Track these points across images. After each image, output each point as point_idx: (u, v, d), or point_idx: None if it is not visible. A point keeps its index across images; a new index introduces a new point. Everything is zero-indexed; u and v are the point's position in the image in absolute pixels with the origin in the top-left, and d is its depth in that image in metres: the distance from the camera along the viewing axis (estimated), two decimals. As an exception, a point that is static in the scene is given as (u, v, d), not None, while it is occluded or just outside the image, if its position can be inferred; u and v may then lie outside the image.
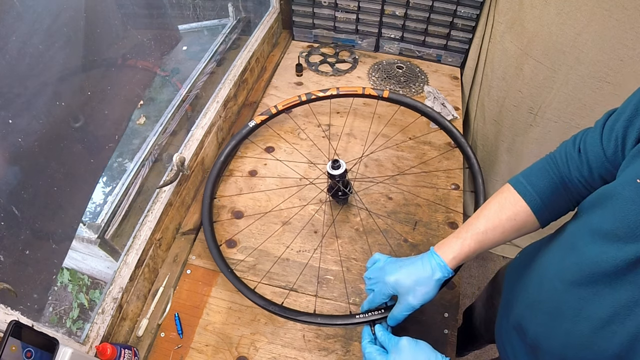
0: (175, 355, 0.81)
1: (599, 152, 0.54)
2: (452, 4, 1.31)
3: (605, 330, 0.48)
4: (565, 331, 0.54)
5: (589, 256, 0.50)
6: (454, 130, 1.09)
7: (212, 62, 1.21)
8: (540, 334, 0.60)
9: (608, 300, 0.48)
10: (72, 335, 0.71)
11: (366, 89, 1.15)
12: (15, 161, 0.61)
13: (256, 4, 1.49)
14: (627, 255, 0.45)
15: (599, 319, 0.49)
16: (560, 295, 0.55)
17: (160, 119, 1.04)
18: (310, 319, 0.78)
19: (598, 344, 0.49)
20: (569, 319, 0.53)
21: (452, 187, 1.09)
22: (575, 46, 1.08)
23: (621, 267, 0.46)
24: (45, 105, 0.64)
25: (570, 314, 0.53)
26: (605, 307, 0.48)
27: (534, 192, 0.61)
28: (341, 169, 0.92)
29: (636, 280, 0.45)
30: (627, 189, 0.46)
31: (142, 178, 0.92)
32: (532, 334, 0.61)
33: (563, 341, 0.55)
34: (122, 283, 0.81)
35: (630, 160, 0.48)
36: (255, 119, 1.13)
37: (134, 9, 0.92)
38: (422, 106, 1.13)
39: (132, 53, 0.86)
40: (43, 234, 0.65)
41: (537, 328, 0.60)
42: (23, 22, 0.59)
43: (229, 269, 0.87)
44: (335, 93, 1.16)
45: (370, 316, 0.74)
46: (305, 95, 1.16)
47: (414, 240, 0.98)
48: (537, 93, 1.23)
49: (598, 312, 0.49)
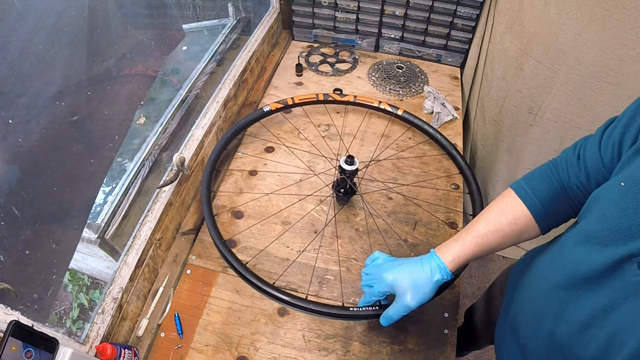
0: (175, 355, 0.81)
1: (597, 159, 0.54)
2: (452, 4, 1.31)
3: (585, 334, 0.48)
4: (548, 333, 0.54)
5: (571, 259, 0.51)
6: (458, 158, 1.11)
7: (212, 62, 1.21)
8: (528, 335, 0.60)
9: (587, 304, 0.48)
10: (72, 335, 0.71)
11: (382, 103, 1.20)
12: (15, 161, 0.61)
13: (256, 4, 1.49)
14: (606, 259, 0.45)
15: (578, 322, 0.49)
16: (545, 297, 0.55)
17: (160, 119, 1.04)
18: (303, 303, 0.78)
19: (578, 347, 0.49)
20: (551, 321, 0.53)
21: (452, 187, 1.09)
22: (575, 46, 1.08)
23: (600, 270, 0.46)
24: (46, 106, 0.64)
25: (552, 316, 0.53)
26: (584, 310, 0.48)
27: (535, 197, 0.61)
28: (354, 165, 0.93)
29: (613, 284, 0.45)
30: (611, 191, 0.47)
31: (142, 178, 0.92)
32: (522, 335, 0.62)
33: (547, 343, 0.55)
34: (122, 283, 0.81)
35: (621, 166, 0.49)
36: (270, 105, 1.15)
37: (135, 8, 0.92)
38: (433, 132, 1.15)
39: (134, 53, 0.87)
40: (44, 235, 0.65)
41: (526, 329, 0.61)
42: (24, 23, 0.59)
43: (221, 240, 0.88)
44: (352, 100, 1.22)
45: (364, 312, 0.75)
46: (322, 95, 1.21)
47: (414, 240, 0.98)
48: (537, 93, 1.23)
49: (578, 315, 0.49)
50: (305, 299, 0.80)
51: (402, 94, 1.35)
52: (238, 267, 0.83)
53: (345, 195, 1.00)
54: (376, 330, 0.84)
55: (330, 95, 1.21)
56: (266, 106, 1.15)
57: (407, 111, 1.19)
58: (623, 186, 0.45)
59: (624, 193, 0.44)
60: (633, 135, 0.48)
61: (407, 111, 1.19)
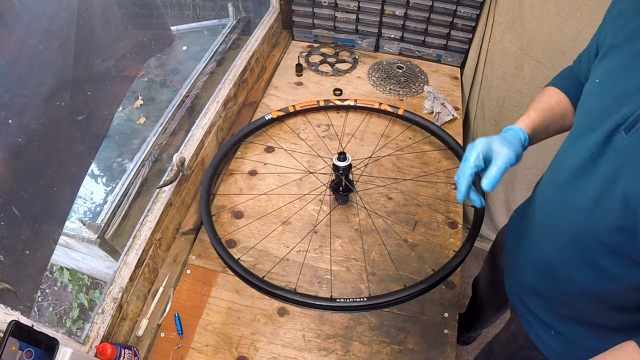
0: (175, 355, 0.81)
1: (591, 58, 0.65)
2: (452, 4, 1.31)
3: (598, 208, 0.54)
4: (565, 232, 0.61)
5: (568, 156, 0.61)
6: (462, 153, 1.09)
7: (212, 62, 1.21)
8: (544, 253, 0.67)
9: (592, 184, 0.54)
10: (72, 335, 0.71)
11: (382, 105, 1.22)
12: (14, 160, 0.61)
13: (256, 4, 1.49)
14: (597, 138, 0.53)
15: (589, 203, 0.55)
16: (554, 204, 0.64)
17: (160, 119, 1.04)
18: (289, 295, 0.79)
19: (597, 225, 0.55)
20: (565, 219, 0.61)
21: (452, 187, 1.09)
22: (575, 46, 1.08)
23: (594, 150, 0.54)
24: (43, 105, 0.64)
25: (565, 214, 0.60)
26: (591, 190, 0.54)
27: (566, 86, 0.74)
28: (347, 161, 0.94)
29: (610, 157, 0.52)
30: (589, 87, 0.59)
31: (142, 178, 0.92)
32: (538, 262, 0.69)
33: (566, 247, 0.62)
34: (122, 283, 0.81)
35: (594, 69, 0.60)
36: (272, 114, 1.18)
37: (133, 9, 0.92)
38: (436, 129, 1.16)
39: (126, 54, 0.86)
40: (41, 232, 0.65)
41: (541, 245, 0.68)
42: (21, 23, 0.59)
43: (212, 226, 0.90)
44: (352, 104, 1.24)
45: (351, 302, 0.77)
46: (323, 102, 1.24)
47: (414, 240, 0.98)
48: (537, 93, 1.23)
49: (588, 196, 0.55)
50: (294, 291, 0.81)
51: (402, 94, 1.35)
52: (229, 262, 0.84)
53: (343, 192, 1.01)
54: (376, 330, 0.84)
55: (331, 100, 1.24)
56: (268, 114, 1.17)
57: (408, 110, 1.20)
58: (598, 82, 0.56)
59: (599, 85, 0.56)
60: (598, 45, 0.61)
61: (408, 110, 1.20)
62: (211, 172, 1.02)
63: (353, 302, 0.77)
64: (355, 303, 0.77)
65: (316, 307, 0.79)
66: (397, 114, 1.20)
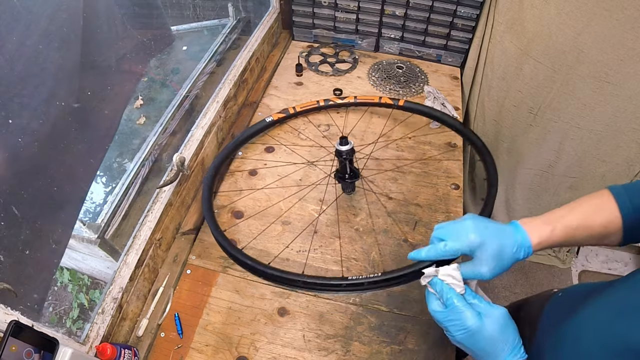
0: (175, 355, 0.81)
1: None
2: (452, 4, 1.31)
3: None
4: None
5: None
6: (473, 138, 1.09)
7: (212, 62, 1.21)
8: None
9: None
10: (72, 335, 0.71)
11: (382, 98, 1.21)
12: (15, 160, 0.61)
13: (256, 4, 1.49)
14: None
15: None
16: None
17: (160, 119, 1.04)
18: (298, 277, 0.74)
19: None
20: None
21: (452, 187, 1.09)
22: (575, 46, 1.08)
23: None
24: (44, 105, 0.64)
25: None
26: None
27: (632, 209, 0.57)
28: (349, 145, 0.93)
29: None
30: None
31: (142, 178, 0.93)
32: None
33: None
34: (122, 283, 0.81)
35: None
36: (272, 116, 1.18)
37: (134, 9, 0.92)
38: (440, 114, 1.15)
39: (127, 54, 0.87)
40: (43, 233, 0.65)
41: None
42: (20, 23, 0.59)
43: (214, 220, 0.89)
44: (352, 101, 1.24)
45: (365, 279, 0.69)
46: (323, 101, 1.23)
47: (414, 240, 0.98)
48: (537, 93, 1.23)
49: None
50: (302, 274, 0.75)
51: (402, 94, 1.35)
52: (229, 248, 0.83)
53: (349, 179, 1.00)
54: (376, 330, 0.84)
55: (331, 99, 1.23)
56: (269, 117, 1.17)
57: (409, 100, 1.20)
58: None
59: None
60: None
61: (409, 100, 1.20)
62: (213, 171, 1.02)
63: (367, 279, 0.69)
64: (369, 279, 0.69)
65: (328, 288, 0.74)
66: (397, 105, 1.19)
